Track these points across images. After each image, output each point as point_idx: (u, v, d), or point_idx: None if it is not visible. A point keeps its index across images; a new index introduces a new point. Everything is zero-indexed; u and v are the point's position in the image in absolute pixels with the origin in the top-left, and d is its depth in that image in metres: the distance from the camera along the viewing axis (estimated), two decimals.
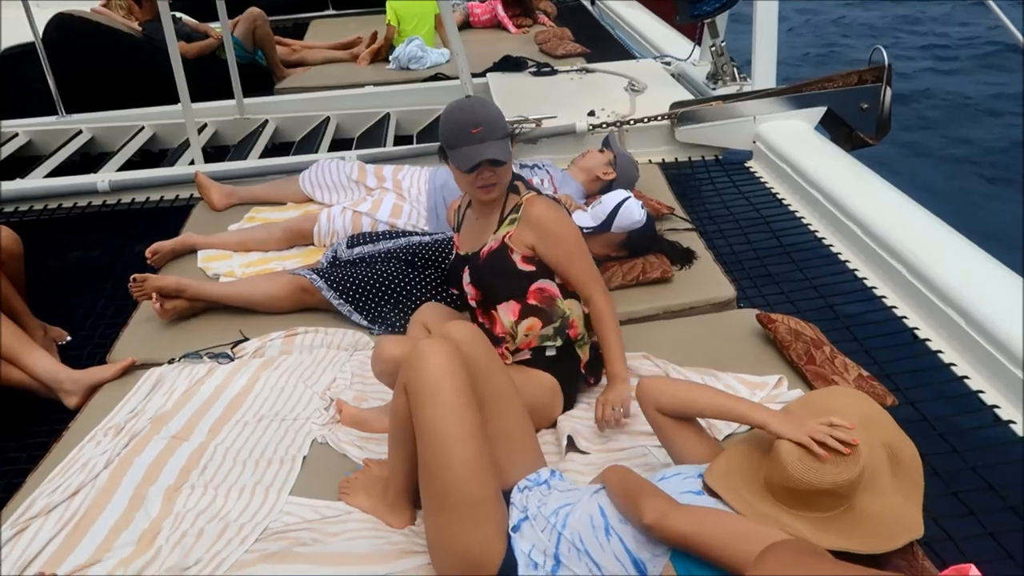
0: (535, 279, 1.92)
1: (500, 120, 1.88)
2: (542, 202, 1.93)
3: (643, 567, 1.38)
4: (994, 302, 2.18)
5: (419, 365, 1.52)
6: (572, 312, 1.94)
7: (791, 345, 2.07)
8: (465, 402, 1.50)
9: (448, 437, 1.46)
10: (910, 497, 1.46)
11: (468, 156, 1.83)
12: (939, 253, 2.46)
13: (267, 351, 2.36)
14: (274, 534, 1.66)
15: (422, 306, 2.19)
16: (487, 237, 1.96)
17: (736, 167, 3.63)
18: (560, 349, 1.94)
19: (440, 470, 1.45)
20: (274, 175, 3.53)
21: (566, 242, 1.91)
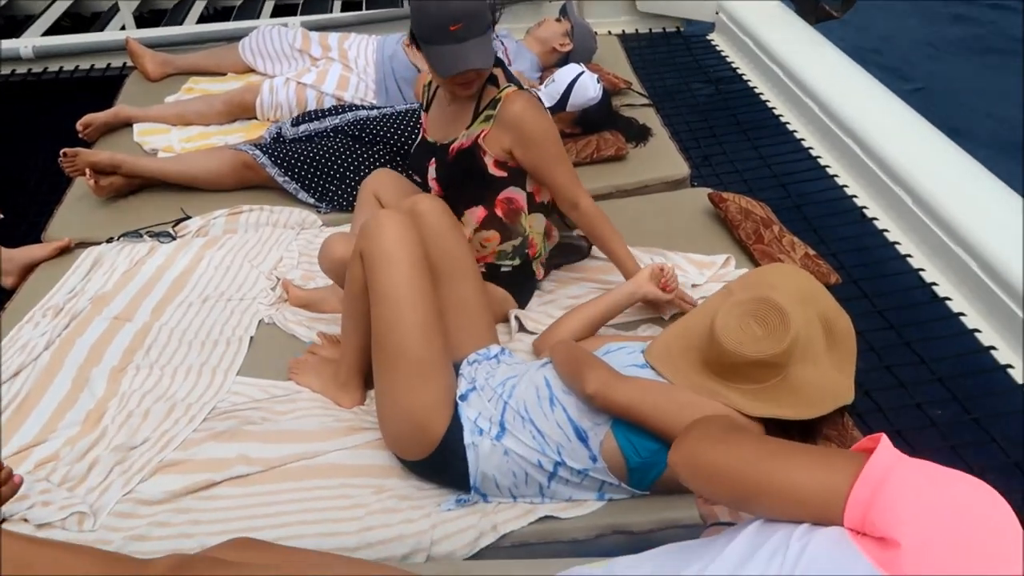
0: (505, 186, 1.80)
1: (482, 10, 1.64)
2: (521, 100, 1.73)
3: (584, 435, 1.43)
4: (942, 182, 2.19)
5: (376, 234, 1.53)
6: (533, 230, 1.86)
7: (741, 224, 2.08)
8: (419, 269, 1.52)
9: (401, 300, 1.48)
10: (842, 367, 1.50)
11: (447, 59, 1.64)
12: (893, 133, 2.44)
13: (210, 230, 2.30)
14: (222, 413, 1.67)
15: (373, 172, 2.06)
16: (458, 130, 1.80)
17: (697, 40, 3.52)
18: (516, 267, 1.89)
19: (392, 332, 1.48)
20: (213, 42, 3.33)
21: (546, 145, 1.76)
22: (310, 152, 2.40)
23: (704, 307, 1.62)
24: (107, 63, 3.37)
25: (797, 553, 0.73)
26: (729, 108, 2.97)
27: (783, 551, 0.74)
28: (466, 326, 1.64)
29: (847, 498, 0.72)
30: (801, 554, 0.73)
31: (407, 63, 2.79)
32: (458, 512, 1.44)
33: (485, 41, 1.66)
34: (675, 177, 2.42)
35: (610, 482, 1.44)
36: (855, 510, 0.72)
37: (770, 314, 1.45)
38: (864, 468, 0.73)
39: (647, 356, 1.54)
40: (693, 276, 1.98)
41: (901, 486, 0.70)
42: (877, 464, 0.73)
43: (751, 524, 0.81)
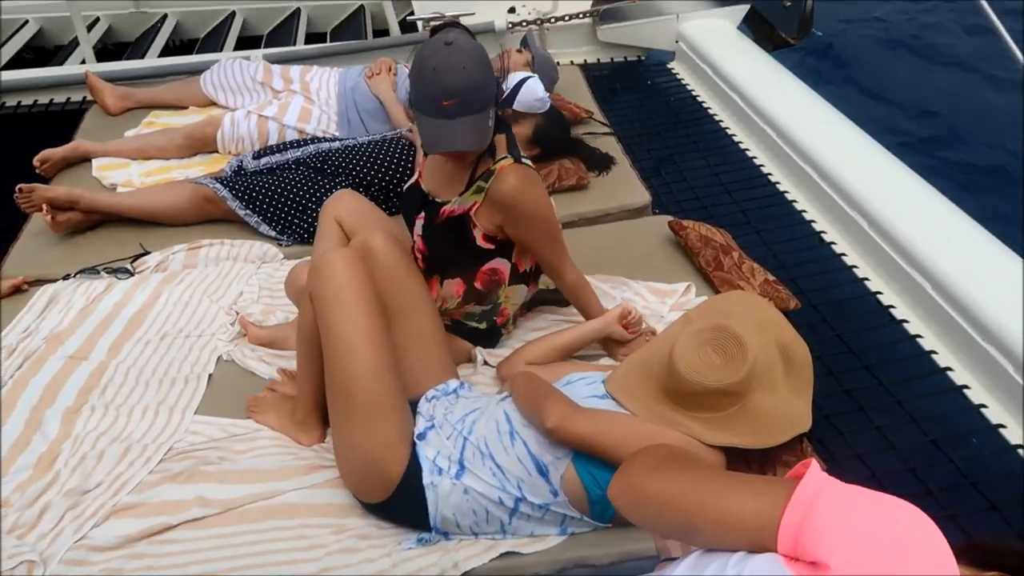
0: (491, 258, 1.74)
1: (480, 86, 1.52)
2: (514, 175, 1.64)
3: (545, 469, 1.42)
4: (897, 206, 2.24)
5: (324, 273, 1.52)
6: (509, 300, 1.83)
7: (701, 251, 2.10)
8: (369, 307, 1.51)
9: (352, 340, 1.46)
10: (800, 394, 1.52)
11: (433, 134, 1.54)
12: (848, 157, 2.49)
13: (170, 265, 2.27)
14: (179, 454, 1.64)
15: (334, 194, 1.99)
16: (452, 193, 1.71)
17: (658, 68, 3.58)
18: (485, 329, 1.87)
19: (344, 373, 1.46)
20: (175, 76, 3.30)
21: (536, 222, 1.69)
22: (272, 184, 2.39)
23: (663, 336, 1.63)
24: (67, 97, 3.34)
25: None
26: (689, 135, 3.01)
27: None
28: (423, 362, 1.62)
29: (779, 524, 0.73)
30: None
31: (369, 95, 2.80)
32: (419, 551, 1.43)
33: (479, 120, 1.54)
34: (636, 205, 2.44)
35: (572, 516, 1.43)
36: (787, 535, 0.73)
37: (728, 343, 1.46)
38: (794, 493, 0.74)
39: (607, 386, 1.54)
40: (655, 305, 1.99)
41: (830, 510, 0.71)
42: (806, 489, 0.74)
43: (690, 555, 0.81)
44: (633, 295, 2.02)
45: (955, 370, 1.88)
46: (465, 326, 1.86)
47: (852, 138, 2.63)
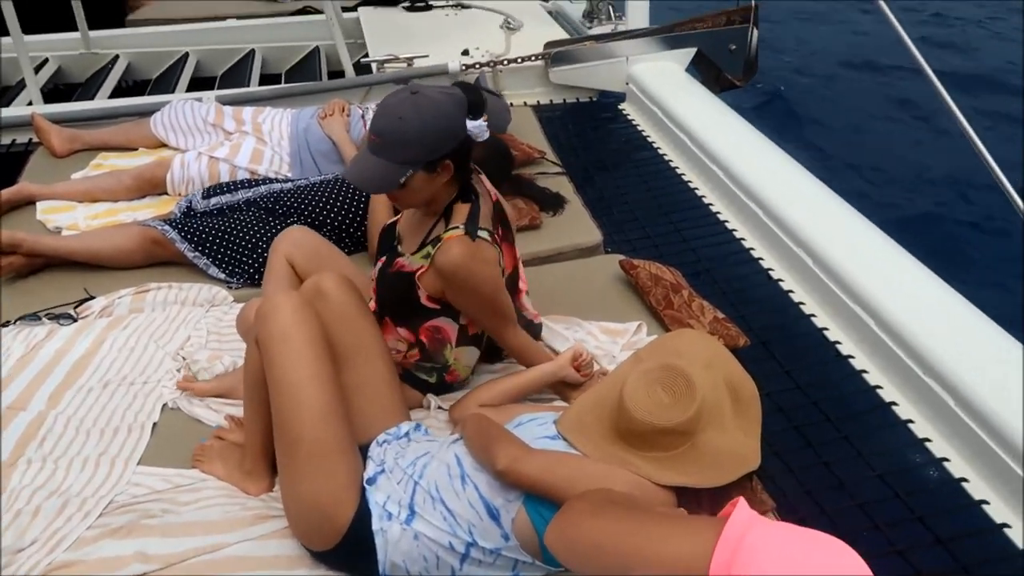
0: (435, 316, 1.75)
1: (408, 143, 1.54)
2: (458, 248, 1.62)
3: (496, 512, 1.40)
4: (840, 244, 2.30)
5: (271, 317, 1.50)
6: (458, 363, 1.83)
7: (651, 290, 2.12)
8: (317, 351, 1.49)
9: (298, 384, 1.44)
10: (749, 432, 1.53)
11: (352, 164, 1.63)
12: (793, 196, 2.56)
13: (115, 310, 2.22)
14: (120, 507, 1.58)
15: (286, 230, 1.98)
16: (410, 247, 1.74)
17: (608, 109, 3.65)
18: (437, 382, 1.85)
19: (290, 418, 1.44)
20: (125, 117, 3.27)
21: (476, 298, 1.70)
22: (221, 226, 2.36)
23: (614, 376, 1.63)
24: (12, 139, 3.28)
25: None
26: (640, 175, 3.06)
27: None
28: (374, 406, 1.60)
29: (711, 561, 0.74)
30: None
31: (322, 136, 2.80)
32: None
33: (392, 171, 1.55)
34: (588, 244, 2.47)
35: (524, 560, 1.41)
36: (718, 571, 0.74)
37: (676, 381, 1.47)
38: (722, 533, 0.75)
39: (559, 427, 1.54)
40: (607, 345, 2.00)
41: (757, 548, 0.73)
42: (734, 527, 0.75)
43: None
44: (585, 335, 2.03)
45: (900, 404, 1.92)
46: (415, 376, 1.85)
47: (796, 177, 2.70)
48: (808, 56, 6.94)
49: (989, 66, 6.70)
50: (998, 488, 1.69)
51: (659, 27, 3.73)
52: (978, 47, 7.35)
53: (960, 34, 7.77)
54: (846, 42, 7.20)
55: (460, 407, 1.75)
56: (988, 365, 1.84)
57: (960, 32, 7.85)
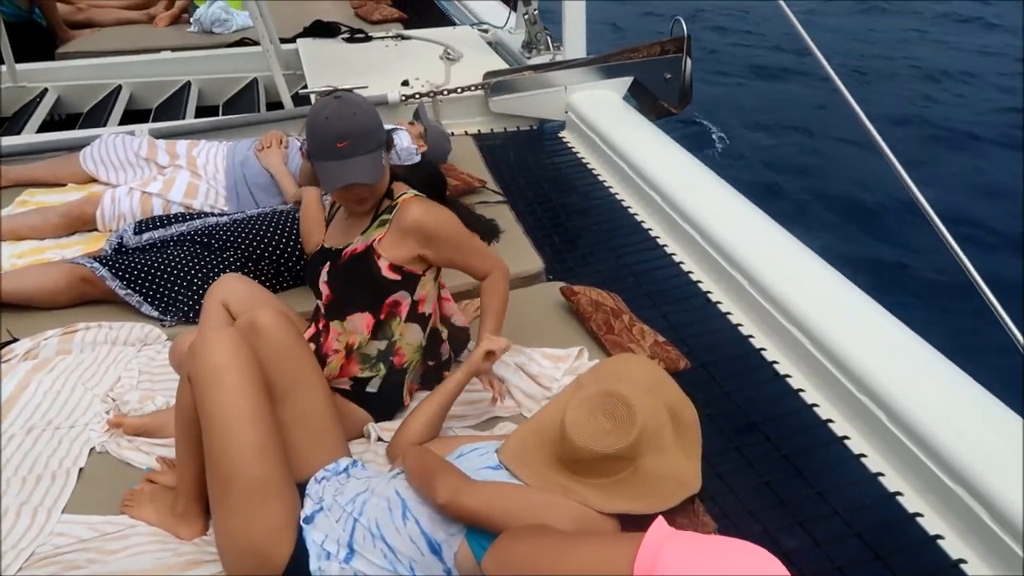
0: (395, 290, 1.80)
1: (371, 129, 1.70)
2: (418, 205, 1.78)
3: (438, 547, 1.38)
4: (773, 265, 2.35)
5: (202, 354, 1.47)
6: (403, 339, 1.84)
7: (592, 316, 2.14)
8: (251, 388, 1.46)
9: (232, 423, 1.41)
10: (689, 454, 1.54)
11: (332, 175, 1.69)
12: (729, 220, 2.62)
13: (41, 352, 2.13)
14: (42, 559, 1.51)
15: (220, 278, 1.98)
16: (353, 236, 1.82)
17: (549, 137, 3.69)
18: (383, 383, 1.84)
19: (224, 456, 1.40)
20: (53, 152, 3.18)
21: (455, 239, 1.82)
22: (154, 261, 2.30)
23: (556, 402, 1.63)
24: None
25: None
26: (581, 202, 3.10)
27: None
28: (312, 442, 1.57)
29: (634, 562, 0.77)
30: None
31: (259, 168, 2.76)
32: None
33: (373, 158, 1.70)
34: (529, 272, 2.47)
35: None
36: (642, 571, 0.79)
37: (617, 407, 1.48)
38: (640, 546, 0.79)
39: (501, 456, 1.52)
40: (549, 370, 2.00)
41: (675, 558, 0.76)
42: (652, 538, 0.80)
43: None
44: (527, 361, 2.03)
45: (836, 422, 1.96)
46: (363, 387, 1.82)
47: (731, 201, 2.76)
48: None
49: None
50: (931, 501, 1.73)
51: (596, 56, 3.80)
52: None
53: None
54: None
55: (395, 443, 1.72)
56: (919, 382, 1.89)
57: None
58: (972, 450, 1.68)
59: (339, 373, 1.82)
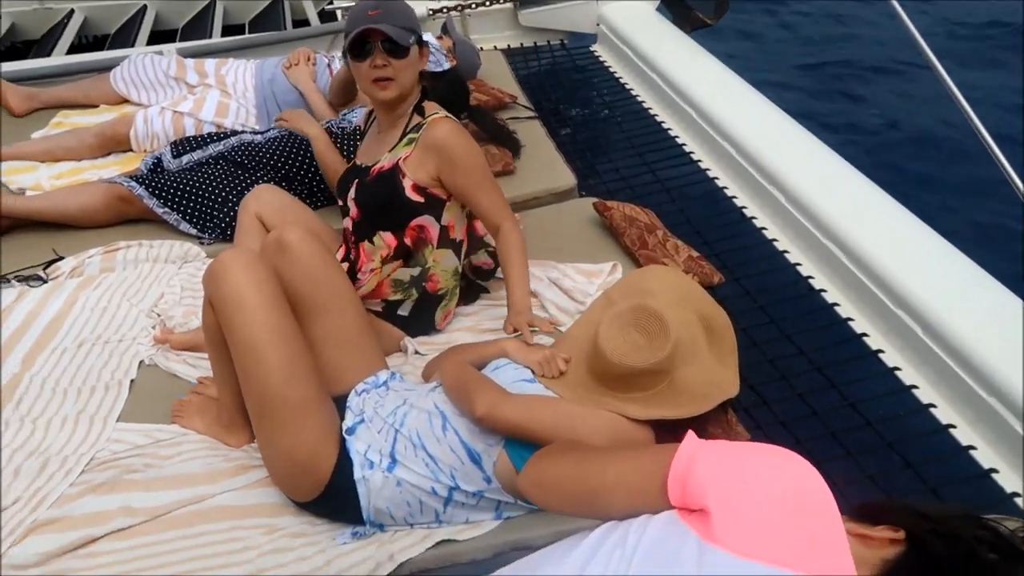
0: (419, 213, 1.77)
1: (406, 12, 1.73)
2: (447, 125, 1.74)
3: (478, 457, 1.42)
4: (812, 180, 2.30)
5: (221, 278, 1.46)
6: (438, 265, 1.83)
7: (625, 231, 2.13)
8: (273, 308, 1.46)
9: (258, 344, 1.42)
10: (724, 361, 1.56)
11: (362, 24, 1.68)
12: (766, 134, 2.56)
13: (85, 269, 2.19)
14: (101, 464, 1.58)
15: (253, 191, 1.99)
16: (382, 152, 1.80)
17: (580, 51, 3.60)
18: (415, 307, 1.85)
19: (255, 378, 1.43)
20: (83, 74, 3.17)
21: (474, 171, 1.75)
22: (190, 180, 2.32)
23: (587, 317, 1.65)
24: None
25: (635, 543, 0.77)
26: (613, 117, 3.04)
27: (623, 544, 0.78)
28: (348, 357, 1.59)
29: (667, 477, 0.78)
30: (639, 543, 0.77)
31: (288, 86, 2.75)
32: (354, 545, 1.42)
33: (402, 33, 1.69)
34: (562, 188, 2.45)
35: (506, 501, 1.44)
36: (675, 485, 0.79)
37: (650, 322, 1.49)
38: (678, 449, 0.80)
39: None
40: (583, 285, 2.01)
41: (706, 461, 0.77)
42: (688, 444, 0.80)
43: (599, 528, 0.85)
44: (561, 276, 2.04)
45: (870, 336, 1.96)
46: (395, 309, 1.84)
47: (769, 115, 2.69)
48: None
49: None
50: (965, 413, 1.74)
51: None
52: None
53: None
54: None
55: (430, 367, 1.74)
56: (956, 296, 1.87)
57: None
58: (1007, 362, 1.68)
59: (371, 294, 1.83)
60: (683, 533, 0.74)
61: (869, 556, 0.74)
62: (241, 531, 1.44)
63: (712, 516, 0.72)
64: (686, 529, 0.74)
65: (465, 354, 1.66)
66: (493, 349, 1.64)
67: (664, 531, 0.76)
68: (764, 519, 0.71)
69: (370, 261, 1.82)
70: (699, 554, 0.71)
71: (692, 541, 0.73)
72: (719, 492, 0.73)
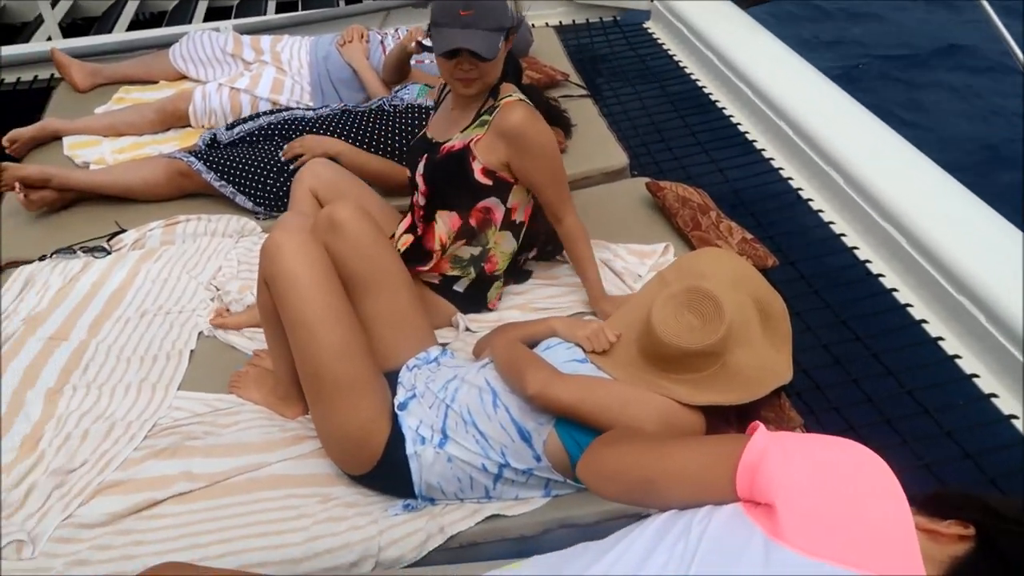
0: (486, 196, 1.77)
1: (497, 9, 1.66)
2: (520, 109, 1.70)
3: (528, 435, 1.43)
4: (872, 161, 2.24)
5: (275, 258, 1.49)
6: (497, 247, 1.83)
7: (678, 212, 2.10)
8: (326, 286, 1.48)
9: (311, 322, 1.45)
10: (779, 347, 1.54)
11: (447, 39, 1.63)
12: (826, 114, 2.49)
13: (147, 242, 2.25)
14: (164, 430, 1.64)
15: (307, 164, 2.00)
16: (455, 131, 1.78)
17: (633, 29, 3.54)
18: (470, 285, 1.86)
19: (309, 355, 1.46)
20: (143, 50, 3.24)
21: (543, 159, 1.73)
22: (246, 155, 2.36)
23: (640, 298, 1.64)
24: (34, 75, 3.27)
25: (699, 535, 0.76)
26: (667, 96, 2.99)
27: (686, 535, 0.77)
28: (400, 333, 1.61)
29: (736, 469, 0.76)
30: (702, 535, 0.76)
31: (342, 63, 2.77)
32: (405, 516, 1.44)
33: (492, 37, 1.64)
34: (614, 168, 2.43)
35: (555, 479, 1.45)
36: (744, 478, 0.77)
37: (704, 303, 1.47)
38: (749, 441, 0.78)
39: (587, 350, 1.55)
40: (634, 266, 2.00)
41: (776, 455, 0.75)
42: (760, 436, 0.78)
43: (660, 516, 0.84)
44: (612, 256, 2.03)
45: (930, 323, 1.91)
46: (451, 285, 1.85)
47: (829, 95, 2.62)
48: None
49: None
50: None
51: None
52: None
53: None
54: None
55: (481, 344, 1.75)
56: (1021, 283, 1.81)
57: None
58: None
59: (431, 268, 1.84)
60: (749, 528, 0.73)
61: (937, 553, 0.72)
62: (296, 499, 1.48)
63: (779, 512, 0.71)
64: (752, 524, 0.73)
65: (515, 332, 1.67)
66: (542, 327, 1.64)
67: (729, 525, 0.75)
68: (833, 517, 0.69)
69: (435, 238, 1.81)
70: (765, 551, 0.70)
71: (758, 537, 0.71)
72: (788, 488, 0.72)
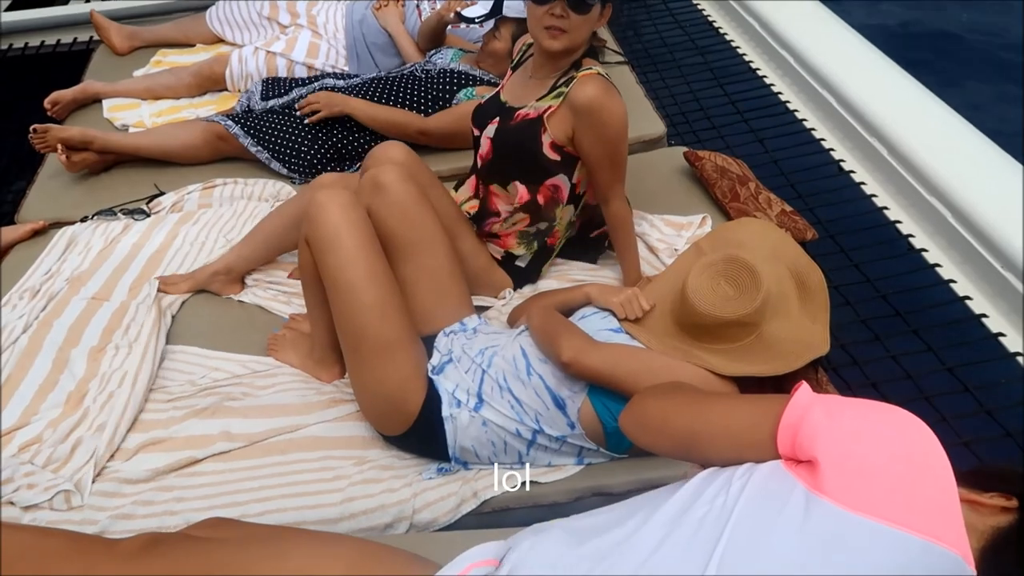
0: (555, 173, 1.72)
1: None
2: (598, 83, 1.63)
3: (562, 403, 1.44)
4: (919, 134, 2.19)
5: (317, 218, 1.49)
6: (561, 222, 1.81)
7: (717, 182, 2.07)
8: (368, 248, 1.49)
9: (352, 284, 1.46)
10: (817, 318, 1.51)
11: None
12: (869, 84, 2.43)
13: (185, 205, 2.28)
14: (203, 390, 1.67)
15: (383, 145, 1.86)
16: (531, 98, 1.72)
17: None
18: (531, 260, 1.85)
19: (348, 316, 1.47)
20: (180, 13, 3.25)
21: (607, 140, 1.66)
22: (281, 122, 2.37)
23: (675, 268, 1.62)
24: (73, 37, 3.30)
25: (739, 489, 0.76)
26: (706, 63, 2.93)
27: (726, 490, 0.77)
28: (438, 298, 1.62)
29: (778, 426, 0.76)
30: (743, 489, 0.76)
31: (377, 28, 2.75)
32: (439, 480, 1.46)
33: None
34: (651, 136, 2.40)
35: (588, 447, 1.46)
36: (786, 435, 0.77)
37: (741, 273, 1.46)
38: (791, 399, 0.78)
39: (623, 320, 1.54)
40: (671, 238, 1.98)
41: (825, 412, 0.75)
42: (803, 394, 0.78)
43: (701, 472, 0.84)
44: (649, 228, 2.01)
45: (974, 299, 1.87)
46: (512, 261, 1.84)
47: (873, 63, 2.56)
48: None
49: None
50: None
51: None
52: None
53: None
54: None
55: (516, 312, 1.75)
56: None
57: None
58: None
59: (496, 241, 1.84)
60: (790, 482, 0.73)
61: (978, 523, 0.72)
62: (332, 460, 1.51)
63: (821, 467, 0.71)
64: (793, 479, 0.74)
65: (550, 299, 1.67)
66: (577, 294, 1.64)
67: (770, 479, 0.76)
68: (875, 475, 0.70)
69: (500, 206, 1.79)
70: (806, 504, 0.70)
71: (799, 491, 0.72)
72: (830, 444, 0.72)
